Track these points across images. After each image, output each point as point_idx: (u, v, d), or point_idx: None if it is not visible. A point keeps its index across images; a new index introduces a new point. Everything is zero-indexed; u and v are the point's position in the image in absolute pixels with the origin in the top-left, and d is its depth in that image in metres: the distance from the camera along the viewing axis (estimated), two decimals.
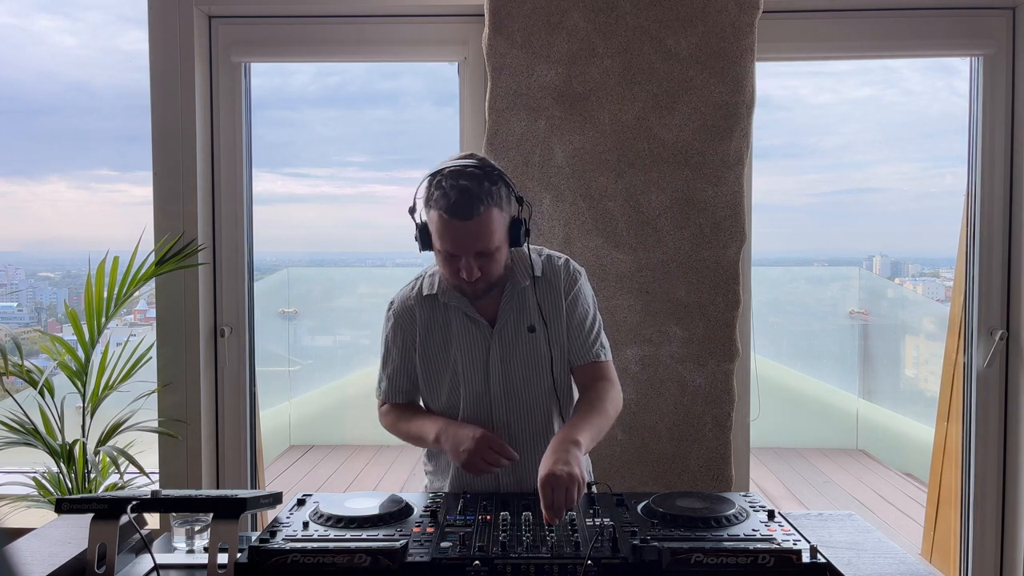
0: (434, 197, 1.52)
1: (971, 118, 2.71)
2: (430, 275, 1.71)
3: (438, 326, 1.68)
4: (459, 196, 1.48)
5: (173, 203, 2.61)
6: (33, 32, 7.22)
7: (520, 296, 1.66)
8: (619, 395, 1.68)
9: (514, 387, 1.66)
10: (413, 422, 1.68)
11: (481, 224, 1.50)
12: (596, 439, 1.56)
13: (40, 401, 2.52)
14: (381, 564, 1.22)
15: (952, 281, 3.07)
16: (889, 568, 1.27)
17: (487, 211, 1.50)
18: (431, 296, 1.69)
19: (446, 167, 1.54)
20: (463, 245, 1.52)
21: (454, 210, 1.49)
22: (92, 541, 1.25)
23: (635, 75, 2.43)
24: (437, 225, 1.52)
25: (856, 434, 5.65)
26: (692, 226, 2.45)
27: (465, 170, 1.52)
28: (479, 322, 1.66)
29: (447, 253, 1.55)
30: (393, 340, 1.72)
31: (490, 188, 1.51)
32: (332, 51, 2.71)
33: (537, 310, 1.65)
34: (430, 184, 1.54)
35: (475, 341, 1.66)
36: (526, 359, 1.66)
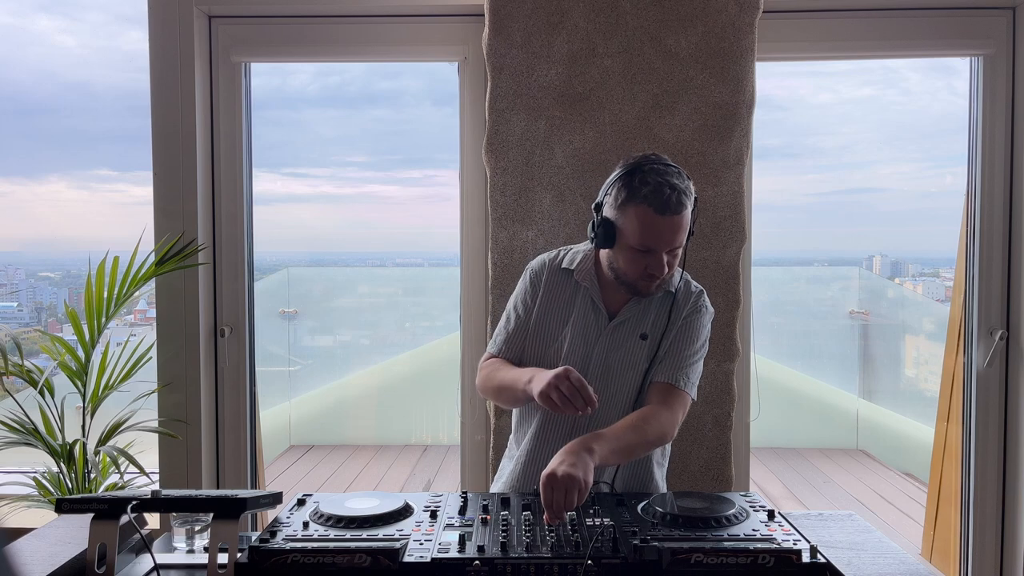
0: (643, 193, 1.55)
1: (971, 118, 2.71)
2: (572, 251, 1.77)
3: (563, 299, 1.73)
4: (671, 193, 1.54)
5: (173, 203, 2.62)
6: (33, 32, 7.21)
7: (647, 303, 1.71)
8: (671, 426, 1.64)
9: (607, 383, 1.69)
10: (512, 370, 1.67)
11: (682, 221, 1.57)
12: (619, 455, 1.53)
13: (40, 401, 2.52)
14: (381, 564, 1.22)
15: (952, 281, 3.07)
16: (889, 568, 1.27)
17: (687, 209, 1.57)
18: (568, 271, 1.74)
19: (646, 165, 1.58)
20: (665, 240, 1.57)
21: (665, 206, 1.54)
22: (92, 541, 1.25)
23: (635, 75, 2.43)
24: (641, 220, 1.56)
25: (856, 434, 5.65)
26: None
27: (670, 168, 1.58)
28: (600, 312, 1.71)
29: (642, 248, 1.58)
30: (522, 297, 1.77)
31: (689, 186, 1.58)
32: (332, 51, 2.71)
33: (658, 322, 1.70)
34: (632, 180, 1.58)
35: (590, 327, 1.71)
36: (627, 362, 1.69)
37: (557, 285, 1.74)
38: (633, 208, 1.56)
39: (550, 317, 1.73)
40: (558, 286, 1.74)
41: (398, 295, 6.55)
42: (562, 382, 1.45)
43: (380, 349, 6.37)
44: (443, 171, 6.41)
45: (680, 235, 1.58)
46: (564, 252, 1.79)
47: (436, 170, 6.78)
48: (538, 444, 1.73)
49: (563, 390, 1.44)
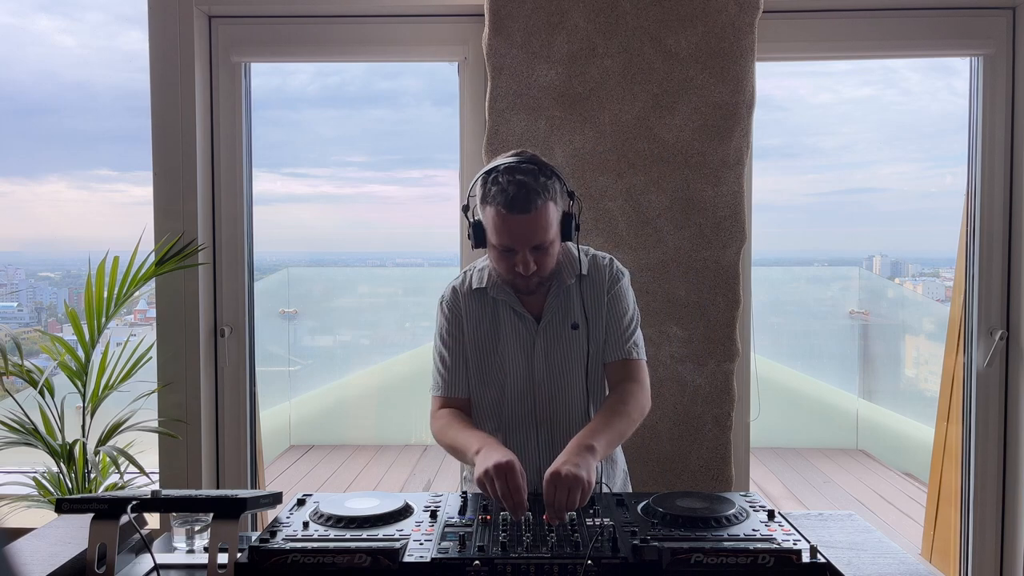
0: (491, 193, 1.54)
1: (971, 118, 2.71)
2: (479, 270, 1.75)
3: (487, 320, 1.72)
4: (517, 191, 1.52)
5: (173, 203, 2.61)
6: (33, 32, 7.21)
7: (565, 293, 1.70)
8: (646, 398, 1.67)
9: (556, 382, 1.70)
10: (461, 433, 1.62)
11: (538, 218, 1.54)
12: (615, 443, 1.56)
13: (40, 401, 2.52)
14: (381, 564, 1.22)
15: (952, 281, 3.07)
16: (889, 568, 1.27)
17: (544, 205, 1.54)
18: (480, 290, 1.72)
19: (501, 164, 1.57)
20: (521, 239, 1.55)
21: (512, 204, 1.52)
22: (92, 541, 1.24)
23: (635, 75, 2.43)
24: (494, 220, 1.55)
25: (856, 434, 5.65)
26: (692, 226, 2.45)
27: (520, 166, 1.56)
28: (525, 317, 1.70)
29: (503, 248, 1.57)
30: (450, 333, 1.74)
31: (545, 182, 1.56)
32: (332, 51, 2.71)
33: (581, 308, 1.68)
34: (485, 181, 1.57)
35: (521, 336, 1.70)
36: (568, 355, 1.70)
37: (476, 308, 1.72)
38: (487, 207, 1.57)
39: (482, 340, 1.72)
40: (477, 308, 1.72)
41: (398, 295, 6.55)
42: (499, 479, 1.37)
43: (380, 349, 6.37)
44: (443, 171, 6.42)
45: (539, 233, 1.55)
46: (469, 273, 1.77)
47: (436, 170, 6.79)
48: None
49: (498, 488, 1.37)
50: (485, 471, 1.38)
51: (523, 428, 1.72)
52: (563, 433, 1.70)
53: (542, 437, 1.71)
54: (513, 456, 1.41)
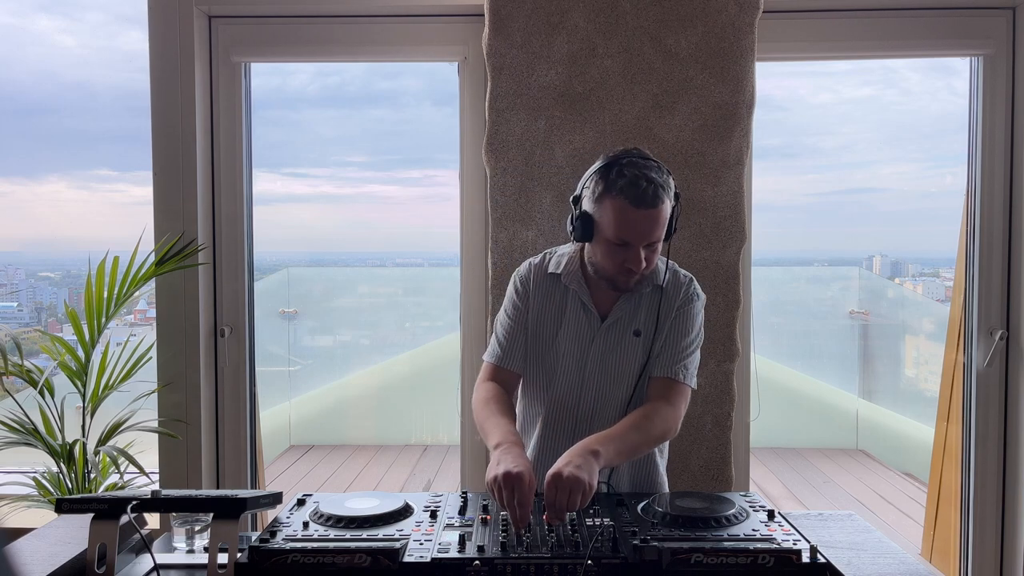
0: (619, 186, 1.53)
1: (971, 118, 2.71)
2: (558, 255, 1.76)
3: (554, 305, 1.72)
4: (647, 186, 1.52)
5: (173, 203, 2.62)
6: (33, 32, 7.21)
7: (637, 300, 1.70)
8: (674, 422, 1.64)
9: (605, 384, 1.70)
10: (492, 418, 1.60)
11: (659, 215, 1.55)
12: (625, 455, 1.54)
13: (40, 401, 2.52)
14: (381, 564, 1.22)
15: (952, 281, 3.07)
16: (889, 568, 1.27)
17: (664, 203, 1.56)
18: (555, 275, 1.73)
19: (623, 158, 1.56)
20: (641, 234, 1.55)
21: (642, 199, 1.52)
22: (92, 541, 1.25)
23: (635, 75, 2.43)
24: (617, 213, 1.54)
25: (856, 434, 5.65)
26: (692, 226, 2.45)
27: (647, 162, 1.57)
28: (591, 313, 1.70)
29: (619, 242, 1.57)
30: (515, 306, 1.75)
31: (667, 179, 1.57)
32: (332, 51, 2.71)
33: (649, 317, 1.69)
34: (608, 173, 1.56)
35: (582, 329, 1.70)
36: (623, 360, 1.69)
37: (546, 290, 1.73)
38: (609, 200, 1.55)
39: (543, 323, 1.73)
40: (547, 291, 1.73)
41: (398, 295, 6.55)
42: (507, 489, 1.35)
43: (380, 349, 6.37)
44: (443, 171, 6.42)
45: (657, 229, 1.56)
46: (549, 256, 1.78)
47: (436, 170, 6.79)
48: (542, 448, 1.74)
49: (505, 498, 1.35)
50: (495, 477, 1.37)
51: (563, 419, 1.72)
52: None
53: (579, 433, 1.68)
54: (526, 465, 1.39)
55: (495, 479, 1.37)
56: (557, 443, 1.71)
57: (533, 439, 1.76)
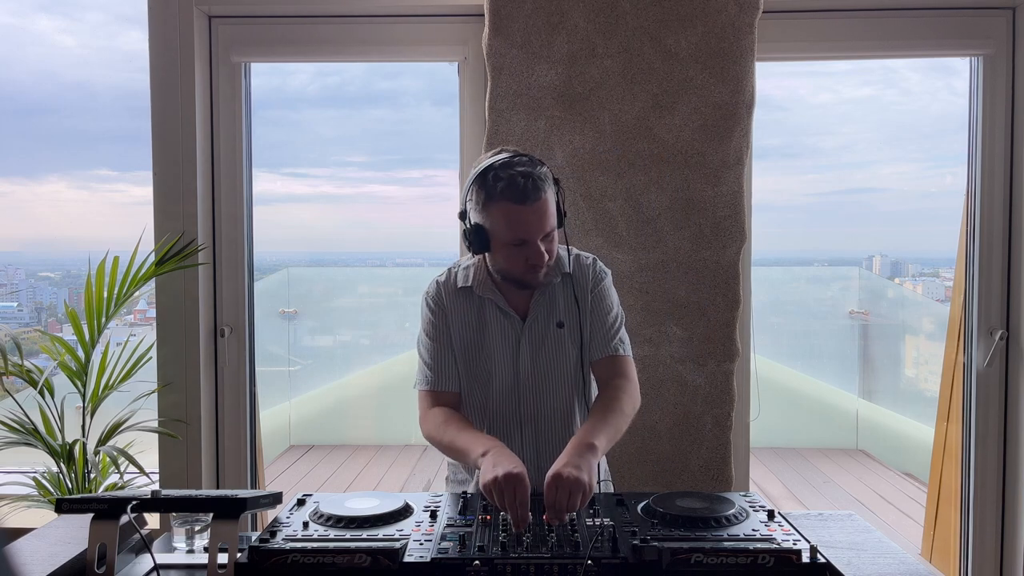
0: (498, 189, 1.54)
1: (971, 118, 2.71)
2: (463, 268, 1.76)
3: (473, 318, 1.72)
4: (525, 182, 1.53)
5: (173, 203, 2.61)
6: (33, 32, 7.21)
7: (550, 292, 1.71)
8: (636, 392, 1.69)
9: (541, 381, 1.70)
10: (462, 433, 1.60)
11: (545, 204, 1.57)
12: (614, 440, 1.57)
13: (40, 401, 2.52)
14: (381, 564, 1.22)
15: (952, 281, 3.07)
16: (889, 568, 1.27)
17: (547, 193, 1.57)
18: (466, 288, 1.73)
19: (495, 162, 1.57)
20: (534, 229, 1.56)
21: (523, 196, 1.53)
22: (92, 541, 1.24)
23: (635, 75, 2.43)
24: (506, 215, 1.55)
25: (856, 434, 5.65)
26: (692, 226, 2.45)
27: (515, 159, 1.57)
28: (511, 316, 1.71)
29: (516, 242, 1.58)
30: (435, 327, 1.75)
31: (541, 171, 1.58)
32: (332, 51, 2.71)
33: (567, 306, 1.70)
34: (485, 181, 1.57)
35: (507, 334, 1.71)
36: (554, 354, 1.70)
37: (461, 305, 1.73)
38: (494, 206, 1.56)
39: (467, 337, 1.73)
40: (462, 305, 1.73)
41: (398, 295, 6.55)
42: (508, 490, 1.35)
43: (380, 349, 6.37)
44: (443, 171, 6.42)
45: (548, 219, 1.57)
46: (454, 271, 1.77)
47: (436, 170, 6.79)
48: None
49: (506, 499, 1.35)
50: (495, 479, 1.36)
51: (508, 426, 1.72)
52: (548, 431, 1.71)
53: (527, 435, 1.72)
54: (523, 466, 1.39)
55: (495, 480, 1.37)
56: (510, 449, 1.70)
57: None
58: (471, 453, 1.53)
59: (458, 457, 1.62)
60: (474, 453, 1.51)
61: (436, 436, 1.66)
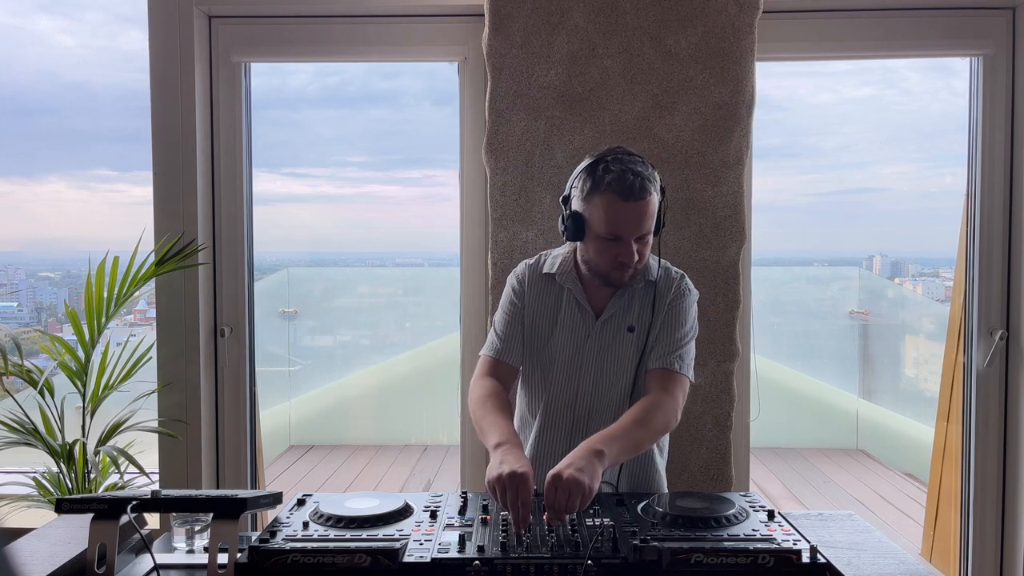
0: (606, 181, 1.57)
1: (971, 118, 2.71)
2: (552, 256, 1.79)
3: (549, 304, 1.75)
4: (634, 179, 1.56)
5: (173, 203, 2.62)
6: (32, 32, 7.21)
7: (630, 296, 1.72)
8: (673, 411, 1.64)
9: (601, 379, 1.71)
10: (491, 415, 1.59)
11: (648, 206, 1.58)
12: (629, 452, 1.54)
13: (40, 401, 2.52)
14: (381, 564, 1.22)
15: (952, 281, 3.07)
16: (889, 568, 1.27)
17: (652, 195, 1.59)
18: (549, 275, 1.76)
19: (608, 155, 1.60)
20: (632, 227, 1.58)
21: (629, 192, 1.55)
22: (92, 541, 1.25)
23: (635, 75, 2.43)
24: (607, 208, 1.57)
25: (856, 434, 5.65)
26: (692, 226, 2.45)
27: (631, 156, 1.60)
28: (586, 311, 1.72)
29: (612, 237, 1.59)
30: (512, 303, 1.77)
31: (652, 173, 1.61)
32: (332, 51, 2.71)
33: (642, 313, 1.71)
34: (595, 171, 1.59)
35: (577, 327, 1.72)
36: (618, 356, 1.71)
37: (541, 290, 1.76)
38: (599, 197, 1.58)
39: (539, 322, 1.75)
40: (542, 291, 1.76)
41: (398, 295, 6.55)
42: (511, 490, 1.35)
43: (380, 349, 6.37)
44: (443, 171, 6.41)
45: (647, 221, 1.59)
46: (544, 257, 1.80)
47: (436, 170, 6.79)
48: (540, 445, 1.76)
49: (508, 499, 1.35)
50: (499, 476, 1.37)
51: (560, 417, 1.73)
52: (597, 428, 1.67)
53: (577, 429, 1.71)
54: (529, 467, 1.39)
55: (499, 478, 1.37)
56: (555, 440, 1.73)
57: (531, 436, 1.78)
58: (489, 439, 1.54)
59: (480, 434, 1.62)
60: (491, 440, 1.53)
61: (474, 405, 1.68)
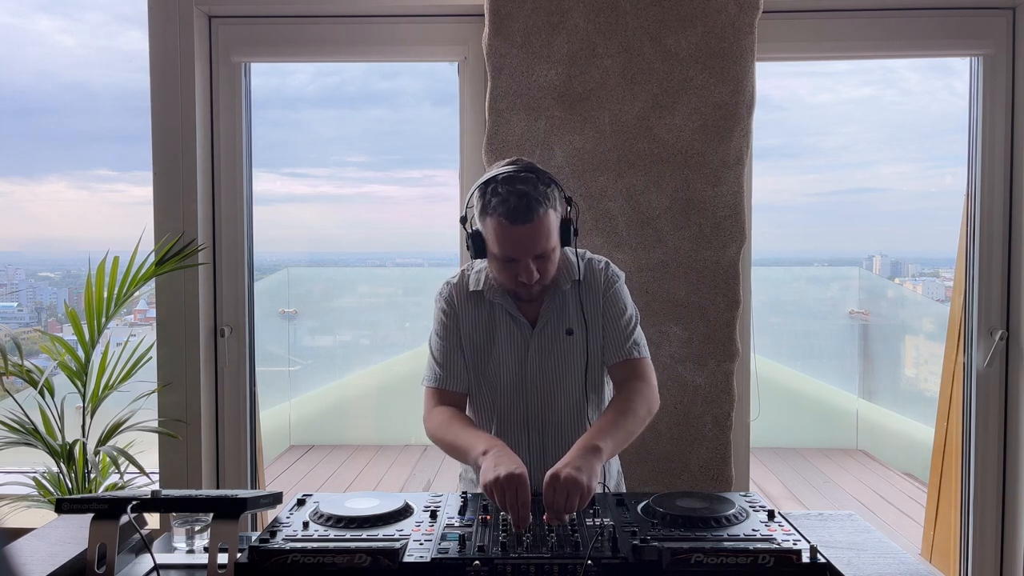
0: (492, 204, 1.53)
1: (971, 118, 2.71)
2: (476, 271, 1.75)
3: (483, 321, 1.72)
4: (518, 201, 1.51)
5: (173, 203, 2.62)
6: (32, 32, 7.22)
7: (561, 299, 1.70)
8: (653, 395, 1.66)
9: (550, 387, 1.70)
10: (464, 432, 1.59)
11: (539, 227, 1.53)
12: (623, 442, 1.55)
13: (40, 401, 2.52)
14: (381, 564, 1.22)
15: (952, 281, 3.07)
16: (889, 568, 1.27)
17: (545, 214, 1.54)
18: (477, 292, 1.72)
19: (499, 174, 1.56)
20: (523, 249, 1.55)
21: (515, 215, 1.51)
22: (92, 541, 1.24)
23: (635, 75, 2.43)
24: (496, 232, 1.54)
25: (856, 434, 5.65)
26: (692, 226, 2.45)
27: (518, 175, 1.55)
28: (521, 322, 1.70)
29: (506, 259, 1.57)
30: (446, 327, 1.74)
31: (544, 191, 1.55)
32: (332, 51, 2.71)
33: (577, 313, 1.68)
34: (484, 192, 1.56)
35: (516, 340, 1.70)
36: (562, 360, 1.69)
37: (472, 308, 1.73)
38: (488, 219, 1.55)
39: (476, 341, 1.72)
40: (473, 309, 1.73)
41: (398, 295, 6.56)
42: (509, 491, 1.35)
43: (380, 349, 6.37)
44: (443, 171, 6.42)
45: (540, 241, 1.54)
46: (468, 273, 1.76)
47: (436, 170, 6.80)
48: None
49: (507, 500, 1.34)
50: (496, 479, 1.36)
51: (515, 430, 1.72)
52: (555, 437, 1.70)
53: (533, 440, 1.71)
54: (523, 467, 1.39)
55: (496, 481, 1.36)
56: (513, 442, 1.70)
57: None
58: (472, 451, 1.52)
59: (459, 456, 1.61)
60: (475, 451, 1.51)
61: (439, 434, 1.66)
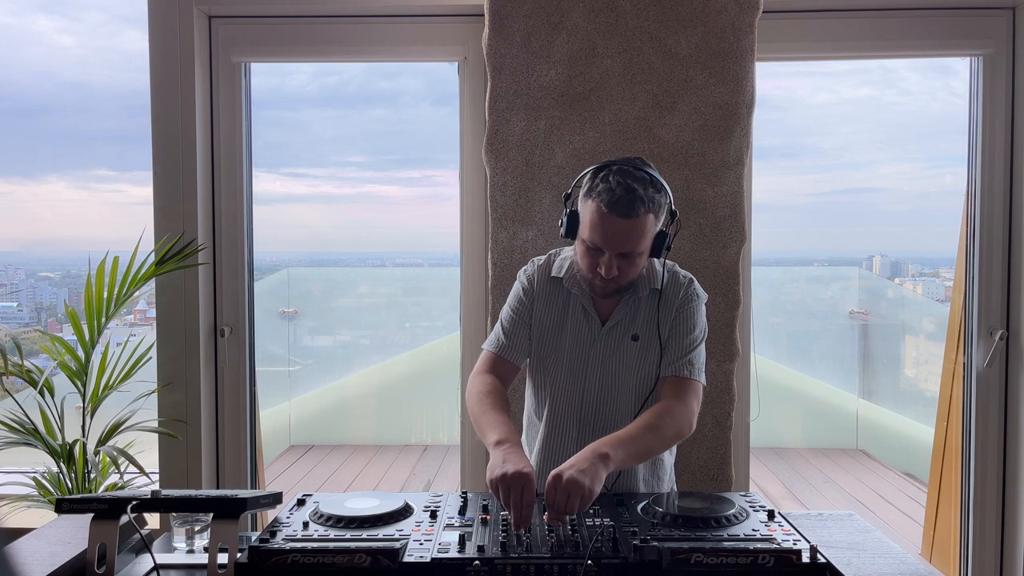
0: (598, 189, 1.55)
1: (971, 118, 2.71)
2: (561, 258, 1.76)
3: (557, 308, 1.73)
4: (624, 194, 1.52)
5: (173, 203, 2.62)
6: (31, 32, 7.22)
7: (636, 304, 1.70)
8: (686, 419, 1.62)
9: (607, 388, 1.70)
10: (490, 412, 1.58)
11: (635, 226, 1.54)
12: (639, 457, 1.53)
13: (40, 401, 2.52)
14: (381, 564, 1.22)
15: (952, 281, 3.07)
16: (889, 568, 1.27)
17: (645, 215, 1.54)
18: (557, 279, 1.74)
19: (616, 164, 1.57)
20: (612, 242, 1.56)
21: (616, 206, 1.52)
22: (92, 541, 1.25)
23: (635, 75, 2.43)
24: (593, 216, 1.55)
25: (856, 434, 5.65)
26: (692, 226, 2.45)
27: (634, 171, 1.56)
28: (592, 318, 1.71)
29: (593, 246, 1.58)
30: (520, 301, 1.75)
31: (653, 195, 1.55)
32: (332, 51, 2.71)
33: (649, 322, 1.69)
34: (595, 176, 1.57)
35: (583, 333, 1.71)
36: (623, 364, 1.70)
37: (549, 293, 1.74)
38: (589, 202, 1.57)
39: (546, 325, 1.73)
40: (550, 294, 1.74)
41: (398, 295, 6.55)
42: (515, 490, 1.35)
43: (380, 349, 6.37)
44: (443, 171, 6.42)
45: (632, 241, 1.55)
46: (554, 257, 1.78)
47: (436, 170, 6.80)
48: (547, 449, 1.74)
49: (511, 499, 1.35)
50: (503, 475, 1.36)
51: (566, 421, 1.72)
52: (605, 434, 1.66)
53: (583, 435, 1.69)
54: (530, 466, 1.39)
55: (503, 477, 1.36)
56: (562, 445, 1.72)
57: (538, 440, 1.77)
58: (488, 436, 1.53)
59: (479, 430, 1.60)
60: (491, 437, 1.51)
61: (472, 400, 1.66)
